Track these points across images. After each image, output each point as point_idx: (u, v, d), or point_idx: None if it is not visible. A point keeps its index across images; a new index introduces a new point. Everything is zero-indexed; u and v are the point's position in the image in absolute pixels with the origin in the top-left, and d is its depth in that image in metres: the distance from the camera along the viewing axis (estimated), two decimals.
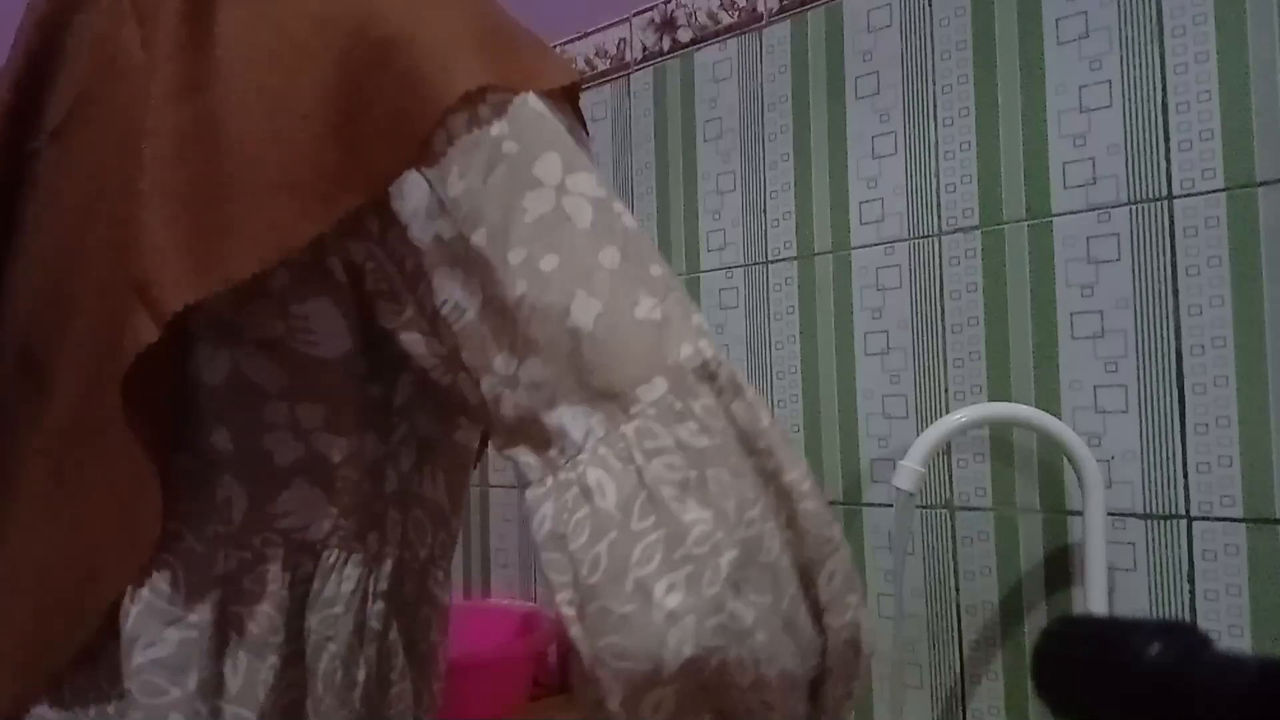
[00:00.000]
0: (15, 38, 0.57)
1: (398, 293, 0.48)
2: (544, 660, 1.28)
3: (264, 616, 0.49)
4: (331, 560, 0.51)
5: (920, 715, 1.00)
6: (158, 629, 0.48)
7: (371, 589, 0.52)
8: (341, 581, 0.51)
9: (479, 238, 0.46)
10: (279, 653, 0.49)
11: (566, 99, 0.51)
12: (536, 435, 0.46)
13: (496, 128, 0.46)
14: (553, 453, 0.45)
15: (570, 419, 0.45)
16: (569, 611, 0.43)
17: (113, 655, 0.49)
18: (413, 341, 0.49)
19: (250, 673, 0.48)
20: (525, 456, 0.47)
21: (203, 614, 0.48)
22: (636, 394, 0.44)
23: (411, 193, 0.46)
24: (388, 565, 0.53)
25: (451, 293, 0.47)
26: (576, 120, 0.52)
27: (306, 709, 0.50)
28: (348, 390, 0.50)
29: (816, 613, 0.45)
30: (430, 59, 0.46)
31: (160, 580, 0.48)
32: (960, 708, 0.98)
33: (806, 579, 0.44)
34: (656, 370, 0.44)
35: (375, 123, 0.46)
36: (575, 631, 0.43)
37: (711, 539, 0.41)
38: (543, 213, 0.45)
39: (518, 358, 0.46)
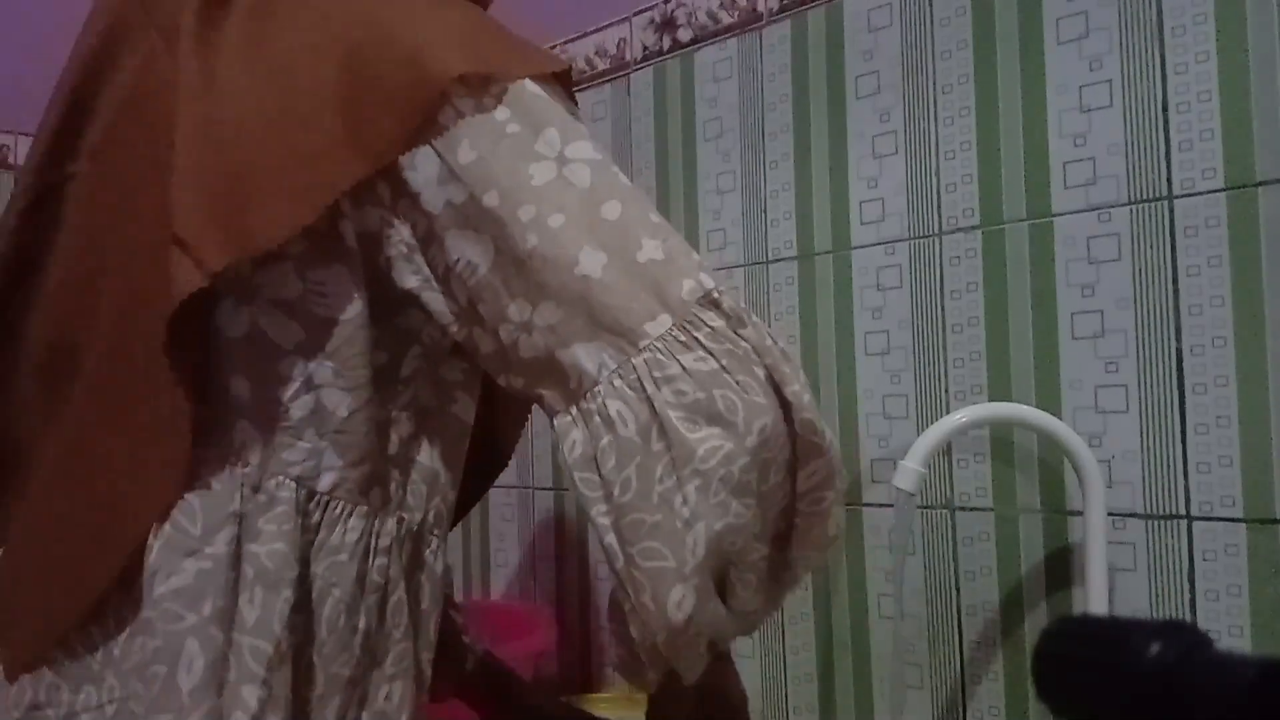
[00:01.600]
0: (61, 75, 0.63)
1: (411, 255, 0.54)
2: (544, 660, 1.28)
3: (279, 554, 0.53)
4: (338, 511, 0.55)
5: (920, 715, 1.00)
6: (177, 560, 0.52)
7: (373, 544, 0.57)
8: (346, 532, 0.55)
9: (490, 199, 0.51)
10: (293, 588, 0.53)
11: (559, 82, 0.56)
12: (556, 372, 0.52)
13: (500, 112, 0.52)
14: (572, 385, 0.51)
15: (585, 355, 0.51)
16: (604, 522, 0.51)
17: (134, 591, 0.53)
18: (433, 299, 0.55)
19: (266, 606, 0.52)
20: (548, 391, 0.53)
21: (218, 547, 0.52)
22: (644, 329, 0.50)
23: (423, 164, 0.52)
24: (389, 523, 0.57)
25: (464, 251, 0.52)
26: (570, 101, 0.57)
27: (311, 653, 0.54)
28: (356, 350, 0.55)
29: (793, 496, 0.53)
30: (430, 46, 0.51)
31: (180, 516, 0.52)
32: (960, 708, 0.98)
33: (793, 471, 0.52)
34: (661, 306, 0.50)
35: (380, 101, 0.51)
36: (610, 539, 0.51)
37: (721, 452, 0.48)
38: (548, 179, 0.51)
39: (531, 304, 0.51)
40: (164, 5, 0.58)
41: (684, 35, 1.24)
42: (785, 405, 0.50)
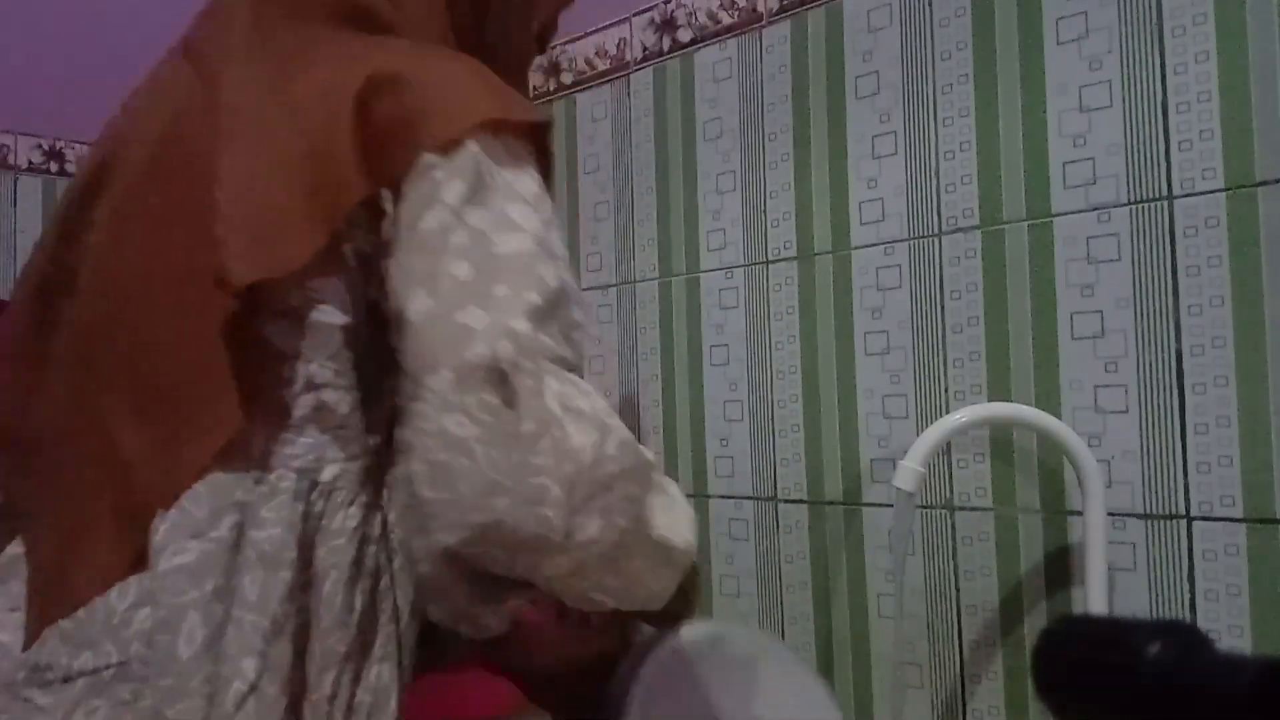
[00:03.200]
0: (102, 131, 0.71)
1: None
2: None
3: (277, 538, 0.58)
4: (339, 499, 0.60)
5: (920, 715, 1.00)
6: (183, 540, 0.56)
7: (368, 532, 0.62)
8: (347, 518, 0.61)
9: (400, 233, 0.58)
10: (291, 568, 0.58)
11: (528, 138, 0.61)
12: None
13: (433, 161, 0.58)
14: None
15: (403, 385, 0.57)
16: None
17: (138, 566, 0.57)
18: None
19: (265, 585, 0.57)
20: None
21: (222, 531, 0.57)
22: (425, 380, 0.55)
23: (388, 206, 0.59)
24: (377, 515, 0.63)
25: (389, 277, 0.59)
26: (526, 155, 0.61)
27: (311, 630, 0.58)
28: (352, 353, 0.61)
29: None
30: (419, 108, 0.58)
31: (187, 502, 0.57)
32: (960, 708, 0.98)
33: (525, 551, 0.56)
34: (445, 364, 0.54)
35: (374, 150, 0.58)
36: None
37: (442, 518, 0.54)
38: (432, 226, 0.57)
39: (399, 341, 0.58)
40: (204, 48, 0.66)
41: (684, 35, 1.24)
42: (531, 490, 0.53)
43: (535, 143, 0.62)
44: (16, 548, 0.62)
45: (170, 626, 0.55)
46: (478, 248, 0.57)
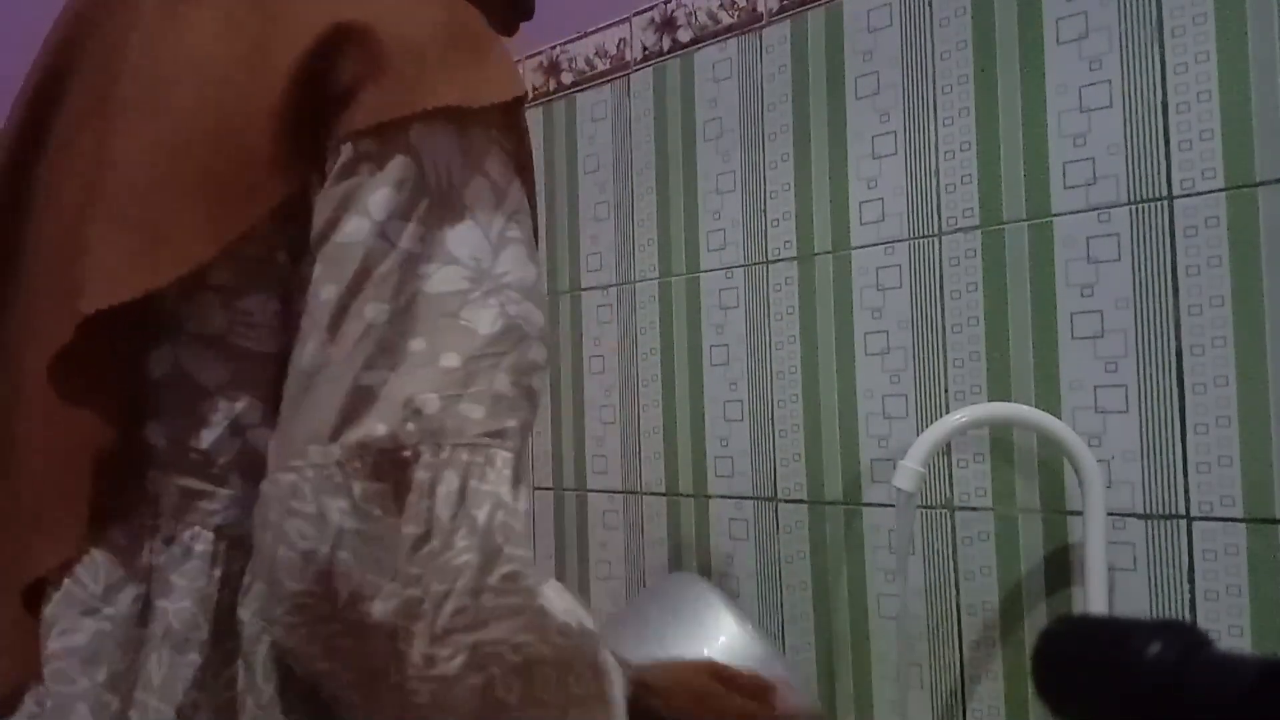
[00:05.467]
0: (35, 60, 0.59)
1: None
2: None
3: (186, 613, 0.49)
4: None
5: (920, 715, 1.00)
6: (74, 618, 0.48)
7: None
8: None
9: (313, 238, 0.48)
10: (200, 650, 0.49)
11: (500, 115, 0.50)
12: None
13: (368, 144, 0.47)
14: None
15: (271, 442, 0.48)
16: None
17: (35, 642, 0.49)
18: None
19: (171, 667, 0.48)
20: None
21: (120, 606, 0.48)
22: (308, 450, 0.45)
23: (314, 195, 0.49)
24: None
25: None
26: (489, 143, 0.51)
27: (247, 705, 0.50)
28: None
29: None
30: (367, 74, 0.47)
31: (82, 572, 0.48)
32: (960, 708, 0.98)
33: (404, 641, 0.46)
34: (334, 436, 0.45)
35: (312, 120, 0.47)
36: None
37: (301, 616, 0.45)
38: (348, 240, 0.47)
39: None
40: None
41: (684, 35, 1.24)
42: (406, 601, 0.45)
43: (504, 123, 0.51)
44: None
45: (58, 718, 0.47)
46: (401, 282, 0.46)
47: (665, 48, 1.26)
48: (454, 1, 0.52)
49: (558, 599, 0.49)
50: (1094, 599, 0.85)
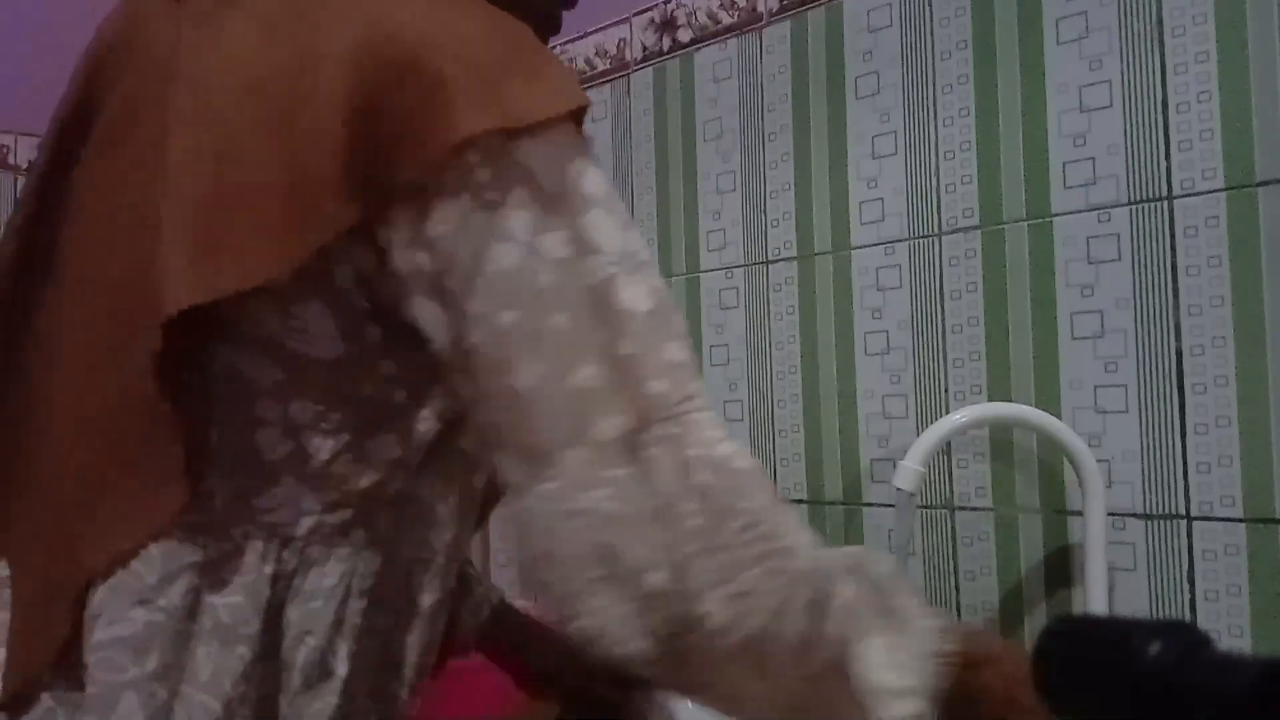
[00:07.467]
0: (79, 60, 0.60)
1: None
2: None
3: (236, 607, 0.50)
4: (314, 555, 0.52)
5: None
6: (124, 607, 0.49)
7: (354, 586, 0.54)
8: (323, 576, 0.52)
9: (451, 280, 0.49)
10: (250, 644, 0.50)
11: (571, 120, 0.51)
12: (491, 461, 0.52)
13: (482, 174, 0.48)
14: (505, 481, 0.51)
15: (504, 464, 0.51)
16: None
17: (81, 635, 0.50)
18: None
19: (219, 662, 0.49)
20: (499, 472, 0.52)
21: (172, 598, 0.49)
22: (558, 457, 0.48)
23: (398, 220, 0.49)
24: (375, 563, 0.55)
25: (425, 317, 0.50)
26: (576, 144, 0.52)
27: (280, 704, 0.51)
28: (341, 391, 0.52)
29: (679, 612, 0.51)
30: (439, 92, 0.47)
31: (137, 562, 0.49)
32: None
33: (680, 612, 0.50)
34: (579, 439, 0.48)
35: (379, 148, 0.48)
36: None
37: (607, 598, 0.48)
38: (507, 267, 0.48)
39: (469, 395, 0.51)
40: None
41: (684, 35, 1.24)
42: (678, 546, 0.49)
43: (580, 123, 0.53)
44: (3, 569, 0.56)
45: (102, 707, 0.48)
46: (568, 287, 0.49)
47: (665, 48, 1.26)
48: (501, 15, 0.53)
49: (802, 535, 0.51)
50: (1094, 599, 0.85)
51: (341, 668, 0.53)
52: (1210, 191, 0.85)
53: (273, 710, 0.51)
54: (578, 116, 0.52)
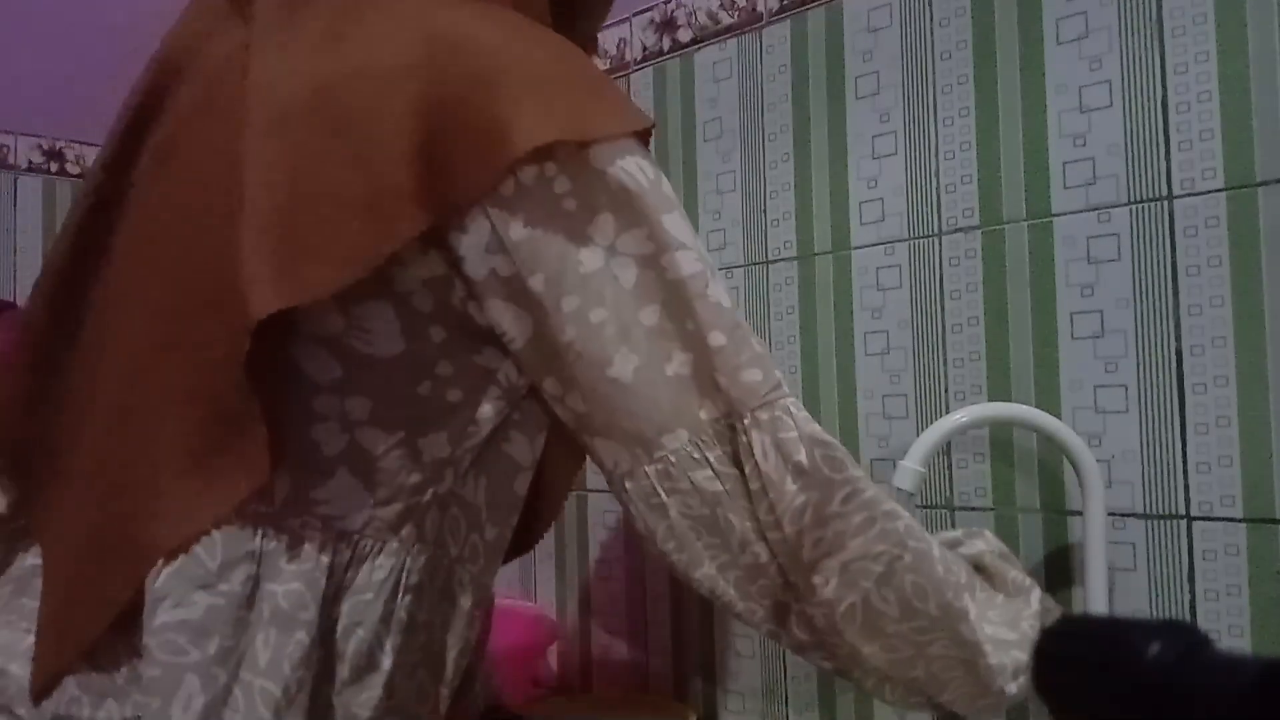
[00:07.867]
0: (147, 65, 0.62)
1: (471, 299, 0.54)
2: (544, 660, 1.28)
3: (295, 594, 0.52)
4: (366, 549, 0.54)
5: (921, 715, 1.00)
6: (187, 591, 0.50)
7: (403, 580, 0.55)
8: (374, 570, 0.54)
9: (536, 282, 0.52)
10: (307, 630, 0.51)
11: (637, 140, 0.54)
12: (585, 449, 0.57)
13: (560, 183, 0.51)
14: (604, 468, 0.56)
15: (602, 449, 0.55)
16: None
17: (139, 618, 0.51)
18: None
19: (278, 648, 0.51)
20: (595, 455, 0.57)
21: (233, 584, 0.51)
22: (661, 441, 0.53)
23: (473, 227, 0.51)
24: (421, 559, 0.56)
25: (502, 322, 0.53)
26: (646, 155, 0.55)
27: (329, 693, 0.53)
28: (398, 389, 0.54)
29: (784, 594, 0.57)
30: (510, 103, 0.49)
31: (199, 549, 0.51)
32: None
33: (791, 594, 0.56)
34: (680, 423, 0.53)
35: (451, 156, 0.49)
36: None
37: (716, 564, 0.54)
38: (593, 269, 0.52)
39: (564, 388, 0.54)
40: None
41: (684, 35, 1.24)
42: (775, 525, 0.53)
43: (642, 140, 0.55)
44: (35, 558, 0.57)
45: (165, 688, 0.49)
46: (654, 283, 0.52)
47: (665, 48, 1.26)
48: (559, 36, 0.54)
49: (896, 503, 0.56)
50: (1094, 599, 0.85)
51: (387, 661, 0.55)
52: (1210, 191, 0.85)
53: (321, 700, 0.53)
54: (644, 137, 0.55)
